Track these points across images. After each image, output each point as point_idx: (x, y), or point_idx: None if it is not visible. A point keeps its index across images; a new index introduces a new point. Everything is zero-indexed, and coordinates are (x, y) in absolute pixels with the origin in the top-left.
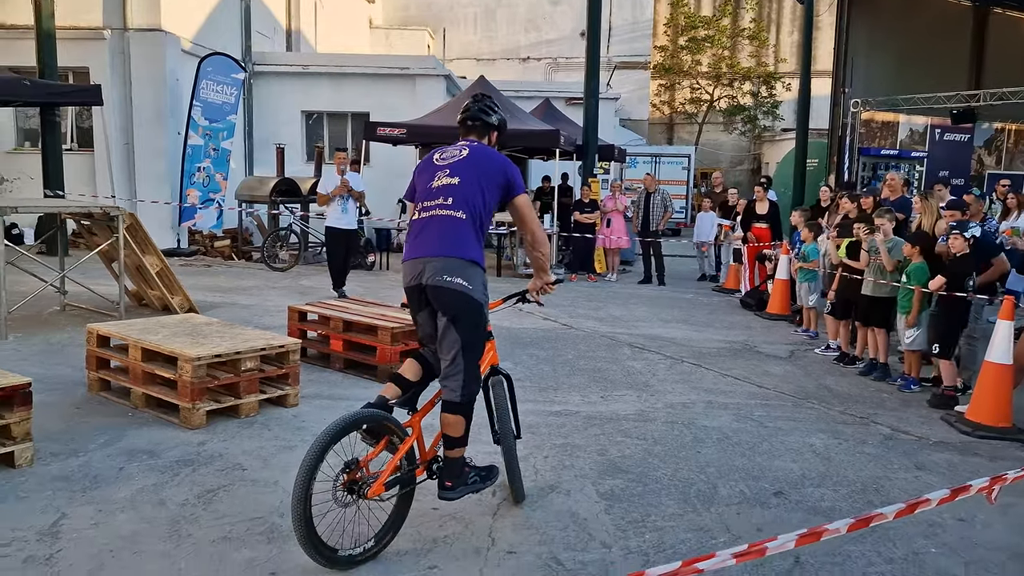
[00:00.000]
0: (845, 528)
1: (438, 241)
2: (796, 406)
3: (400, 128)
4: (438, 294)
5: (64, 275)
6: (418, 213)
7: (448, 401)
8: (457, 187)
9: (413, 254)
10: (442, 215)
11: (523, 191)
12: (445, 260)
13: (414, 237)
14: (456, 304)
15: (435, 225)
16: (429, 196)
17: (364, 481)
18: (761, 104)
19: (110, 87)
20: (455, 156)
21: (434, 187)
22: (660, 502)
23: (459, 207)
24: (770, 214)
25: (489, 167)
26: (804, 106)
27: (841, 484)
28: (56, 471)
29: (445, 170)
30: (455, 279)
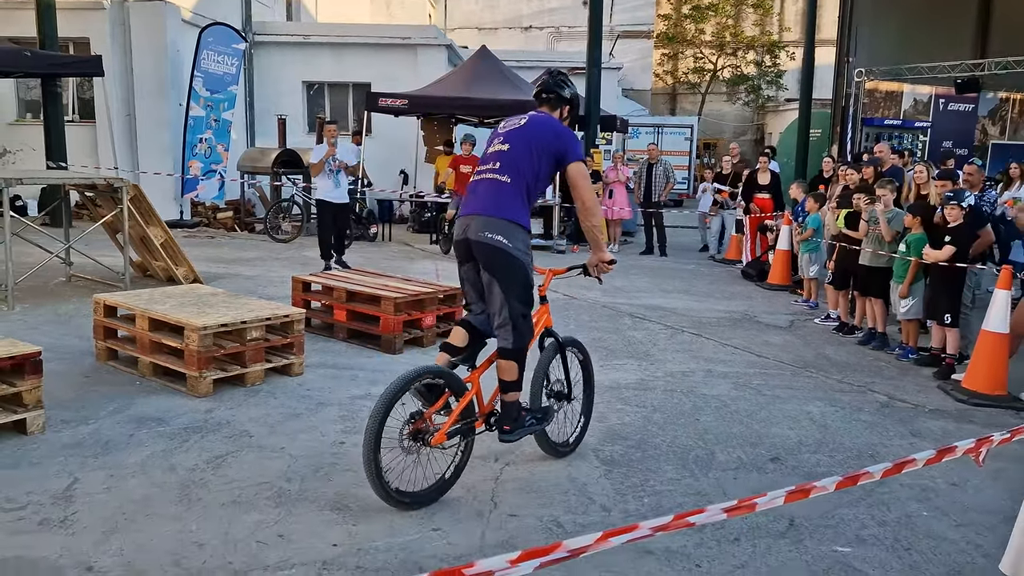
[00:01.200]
0: (833, 486)
1: (483, 201)
2: (794, 375)
3: (402, 99)
4: (480, 249)
5: (69, 247)
6: (474, 176)
7: (502, 348)
8: (506, 153)
9: (463, 212)
10: (490, 178)
11: (577, 159)
12: (487, 219)
13: (467, 196)
14: (496, 259)
15: (483, 187)
16: (484, 161)
17: (428, 431)
18: (765, 74)
19: (111, 58)
20: (514, 125)
21: (489, 152)
22: (659, 468)
23: (505, 172)
24: (772, 184)
25: (543, 136)
26: (808, 76)
27: (837, 450)
28: (67, 438)
29: (501, 137)
30: (495, 236)
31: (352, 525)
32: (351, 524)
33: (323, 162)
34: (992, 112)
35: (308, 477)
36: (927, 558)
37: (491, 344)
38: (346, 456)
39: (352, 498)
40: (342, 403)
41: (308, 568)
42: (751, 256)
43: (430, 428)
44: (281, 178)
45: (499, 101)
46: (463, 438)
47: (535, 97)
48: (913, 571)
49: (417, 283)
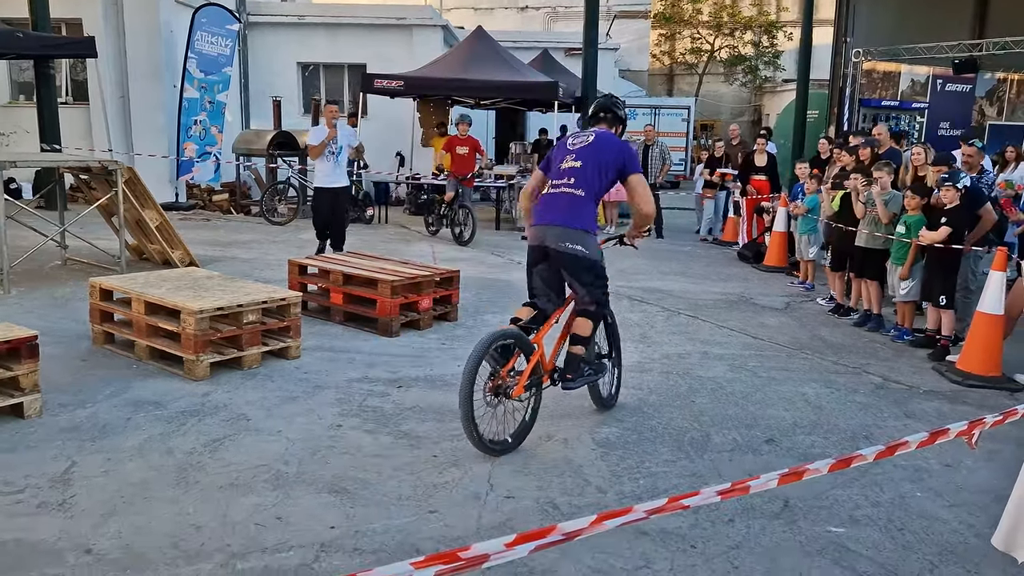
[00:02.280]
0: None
1: (562, 214)
2: (790, 356)
3: (397, 80)
4: (562, 258)
5: (64, 230)
6: (548, 188)
7: (583, 309)
8: (579, 170)
9: (539, 221)
10: (567, 192)
11: (637, 171)
12: (565, 230)
13: (543, 208)
14: (577, 265)
15: (561, 200)
16: (558, 176)
17: (507, 386)
18: (762, 54)
19: (104, 39)
20: (583, 142)
21: (563, 168)
22: (654, 450)
23: (579, 187)
24: (769, 166)
25: (609, 152)
26: (805, 56)
27: (832, 432)
28: (65, 422)
29: (573, 155)
30: (575, 246)
31: (349, 508)
32: (348, 507)
33: (324, 144)
34: (989, 93)
35: (305, 460)
36: (920, 538)
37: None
38: (343, 439)
39: (350, 481)
40: (339, 386)
41: (306, 550)
42: (747, 238)
43: (507, 384)
44: (277, 160)
45: (495, 82)
46: (536, 390)
47: (592, 116)
48: (906, 551)
49: (414, 266)
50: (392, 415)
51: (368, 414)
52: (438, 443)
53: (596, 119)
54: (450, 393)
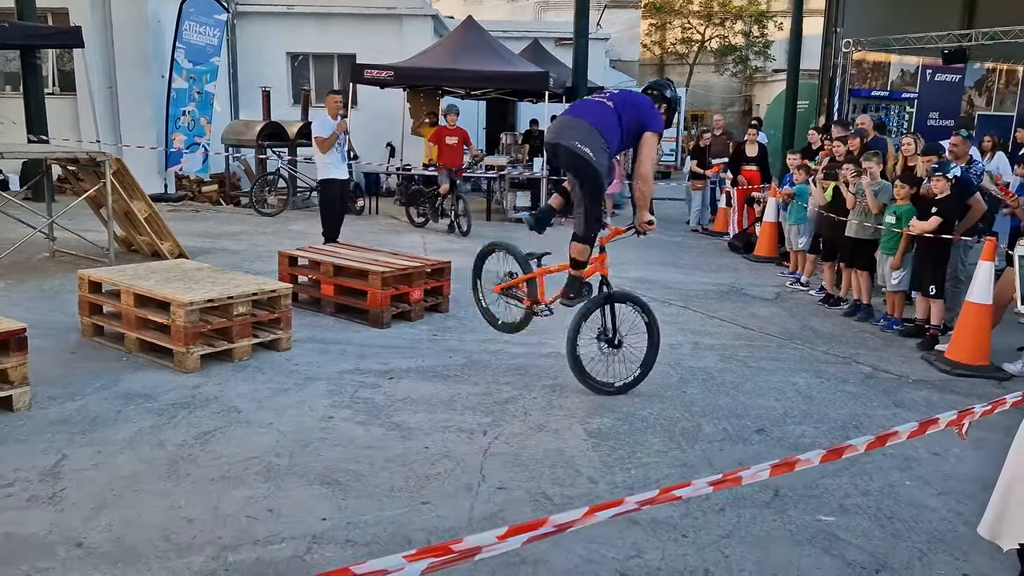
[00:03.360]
0: (818, 459)
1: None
2: (780, 346)
3: (388, 70)
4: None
5: (52, 222)
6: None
7: (575, 234)
8: (617, 95)
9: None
10: (598, 100)
11: (656, 129)
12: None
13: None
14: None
15: (590, 104)
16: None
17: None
18: (753, 44)
19: (90, 29)
20: (631, 91)
21: (603, 93)
22: (646, 440)
23: (611, 101)
24: (760, 156)
25: (638, 104)
26: (796, 46)
27: (822, 421)
28: (54, 415)
29: (604, 95)
30: (584, 148)
31: (341, 499)
32: (340, 498)
33: (335, 137)
34: (978, 83)
35: (297, 452)
36: (909, 526)
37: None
38: (335, 431)
39: (341, 472)
40: (330, 378)
41: (298, 542)
42: (738, 228)
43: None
44: (266, 151)
45: (486, 72)
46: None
47: (643, 92)
48: (895, 539)
49: (405, 257)
50: (384, 406)
51: (359, 406)
52: (429, 434)
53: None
54: (441, 384)
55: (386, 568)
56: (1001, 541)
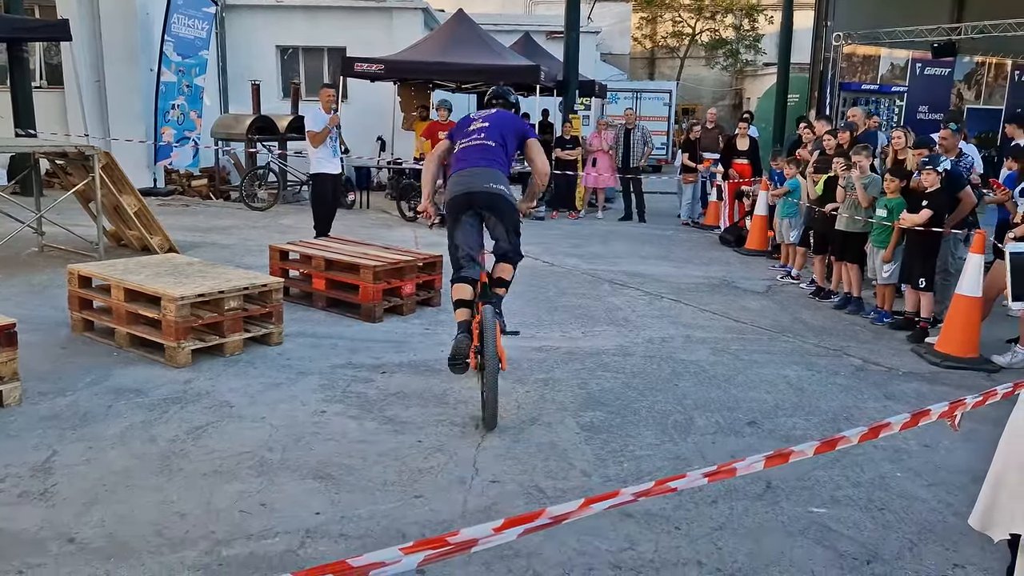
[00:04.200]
0: (811, 450)
1: (482, 159)
2: (772, 339)
3: (378, 64)
4: (491, 199)
5: (41, 216)
6: (461, 146)
7: (504, 253)
8: (488, 129)
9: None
10: (481, 143)
11: (534, 137)
12: (490, 171)
13: (463, 157)
14: (503, 204)
15: (477, 150)
16: (468, 136)
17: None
18: (743, 38)
19: (78, 22)
20: (486, 114)
21: (472, 130)
22: (638, 433)
23: (491, 140)
24: (751, 150)
25: (509, 122)
26: (786, 40)
27: (813, 414)
28: (45, 410)
29: (479, 120)
30: (501, 187)
31: (335, 493)
32: (333, 492)
33: (327, 131)
34: (968, 76)
35: (290, 446)
36: (900, 517)
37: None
38: (327, 425)
39: (334, 467)
40: (322, 372)
41: (291, 536)
42: (729, 222)
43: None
44: (256, 145)
45: (476, 66)
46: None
47: (486, 104)
48: (886, 530)
49: (396, 251)
50: (376, 401)
51: (352, 400)
52: (422, 428)
53: (491, 104)
54: (433, 378)
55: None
56: (992, 532)
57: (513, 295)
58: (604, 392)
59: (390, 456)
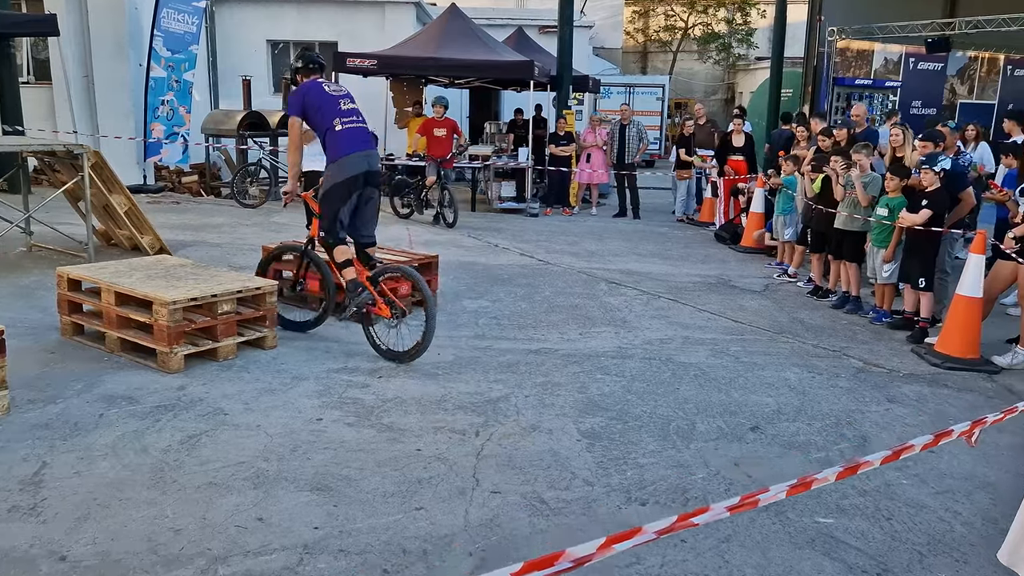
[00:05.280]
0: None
1: (368, 142)
2: (771, 340)
3: (370, 59)
4: (379, 177)
5: (29, 216)
6: (343, 125)
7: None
8: (357, 110)
9: (358, 148)
10: (361, 125)
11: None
12: (375, 153)
13: (351, 138)
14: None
15: (361, 131)
16: (346, 115)
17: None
18: (736, 32)
19: (65, 16)
20: (341, 91)
21: (345, 109)
22: (640, 439)
23: (361, 120)
24: (746, 146)
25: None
26: (780, 34)
27: (815, 418)
28: (34, 419)
29: (344, 99)
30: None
31: (333, 506)
32: (332, 505)
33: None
34: (960, 71)
35: (286, 456)
36: (908, 527)
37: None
38: (324, 433)
39: (332, 477)
40: (318, 377)
41: (290, 553)
42: (724, 219)
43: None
44: (247, 141)
45: (470, 61)
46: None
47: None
48: (894, 540)
49: (391, 251)
50: (373, 407)
51: (349, 406)
52: (421, 436)
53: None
54: (431, 383)
55: None
56: (1020, 569)
57: (509, 294)
58: (604, 396)
59: (389, 466)
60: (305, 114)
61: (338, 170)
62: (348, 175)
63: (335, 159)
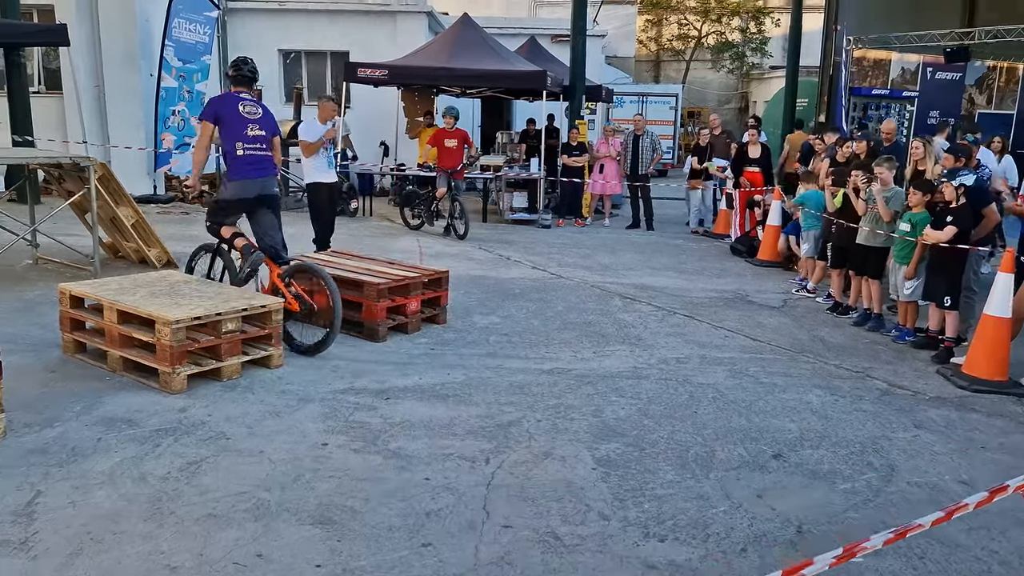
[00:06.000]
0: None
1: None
2: (791, 360)
3: (382, 69)
4: (273, 200)
5: (35, 229)
6: (245, 151)
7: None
8: (264, 137)
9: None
10: (261, 153)
11: (278, 134)
12: (272, 179)
13: (253, 165)
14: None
15: (262, 160)
16: (251, 141)
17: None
18: (750, 40)
19: (76, 26)
20: (255, 114)
21: (251, 135)
22: (658, 468)
23: (267, 149)
24: (763, 157)
25: (271, 122)
26: (795, 43)
27: (840, 445)
28: (31, 443)
29: (255, 124)
30: (275, 189)
31: (336, 541)
32: (335, 540)
33: (321, 142)
34: (979, 81)
35: (288, 485)
36: (942, 567)
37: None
38: (329, 460)
39: (336, 509)
40: (324, 398)
41: None
42: (740, 231)
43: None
44: None
45: (483, 71)
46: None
47: (247, 80)
48: None
49: (401, 266)
50: (380, 431)
51: (355, 431)
52: (429, 464)
53: (240, 82)
54: (440, 406)
55: None
56: None
57: (521, 309)
58: (619, 421)
59: (396, 496)
60: (217, 123)
61: (232, 189)
62: (239, 197)
63: (232, 179)
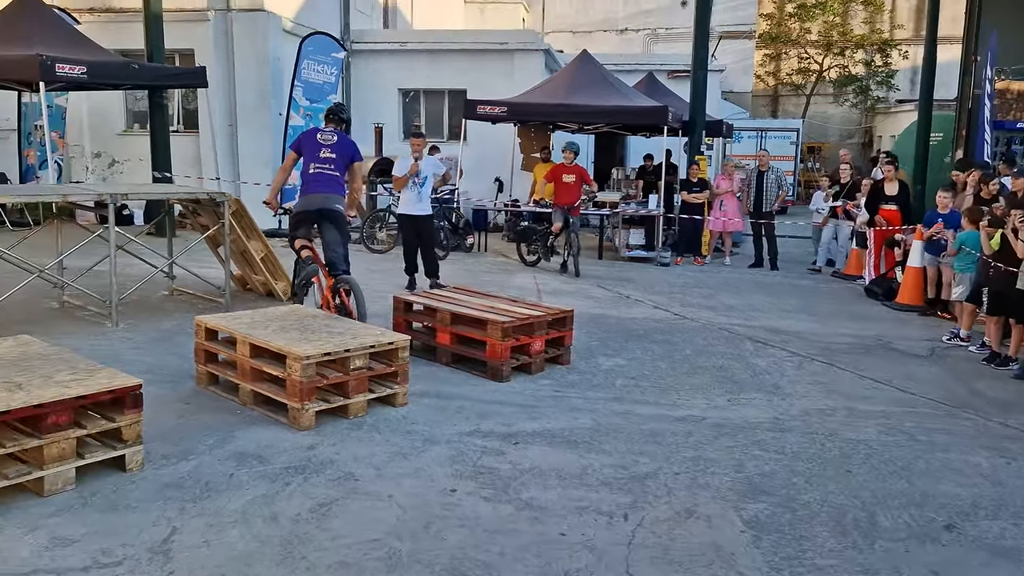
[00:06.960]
0: None
1: (328, 187)
2: (949, 416)
3: (501, 106)
4: (332, 214)
5: (172, 262)
6: (314, 169)
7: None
8: (334, 160)
9: (317, 191)
10: (328, 173)
11: (360, 160)
12: (332, 196)
13: (315, 182)
14: (339, 217)
15: (325, 177)
16: (320, 162)
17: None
18: (875, 73)
19: (214, 68)
20: (331, 140)
21: (322, 157)
22: (814, 533)
23: (336, 170)
24: (900, 194)
25: (347, 147)
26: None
27: (1022, 515)
28: (167, 477)
29: (327, 148)
30: (338, 206)
31: None
32: None
33: (407, 178)
34: None
35: (419, 534)
36: None
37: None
38: (459, 507)
39: (469, 562)
40: (450, 440)
41: None
42: (875, 272)
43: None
44: (377, 187)
45: (602, 107)
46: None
47: (326, 116)
48: None
49: (524, 304)
50: (510, 479)
51: (484, 477)
52: (564, 517)
53: (329, 120)
54: (571, 452)
55: None
56: None
57: (646, 351)
58: (765, 477)
59: (531, 551)
60: (299, 152)
61: (299, 202)
62: (303, 209)
63: (302, 194)
